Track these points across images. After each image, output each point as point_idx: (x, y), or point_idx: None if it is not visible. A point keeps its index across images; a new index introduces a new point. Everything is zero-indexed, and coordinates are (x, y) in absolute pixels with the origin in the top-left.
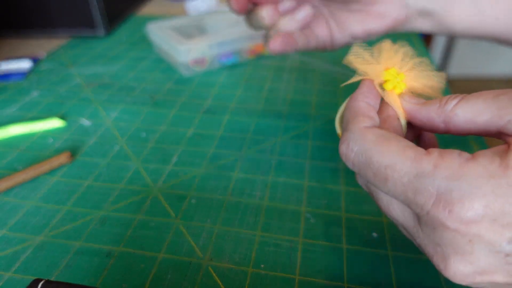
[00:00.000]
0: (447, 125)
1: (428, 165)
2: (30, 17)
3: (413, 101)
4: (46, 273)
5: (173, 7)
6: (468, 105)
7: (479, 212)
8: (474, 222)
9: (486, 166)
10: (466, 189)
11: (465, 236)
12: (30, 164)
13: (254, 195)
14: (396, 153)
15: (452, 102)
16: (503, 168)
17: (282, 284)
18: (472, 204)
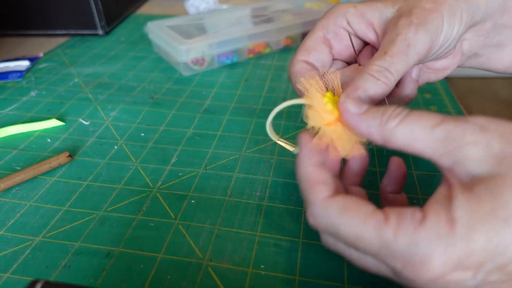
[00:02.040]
0: (385, 142)
1: (389, 234)
2: (29, 16)
3: (354, 110)
4: (45, 274)
5: (173, 7)
6: (407, 130)
7: (440, 269)
8: (439, 277)
9: (435, 228)
10: (424, 253)
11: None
12: (29, 164)
13: (254, 195)
14: (360, 226)
15: (392, 122)
16: (449, 225)
17: (282, 284)
18: (432, 265)
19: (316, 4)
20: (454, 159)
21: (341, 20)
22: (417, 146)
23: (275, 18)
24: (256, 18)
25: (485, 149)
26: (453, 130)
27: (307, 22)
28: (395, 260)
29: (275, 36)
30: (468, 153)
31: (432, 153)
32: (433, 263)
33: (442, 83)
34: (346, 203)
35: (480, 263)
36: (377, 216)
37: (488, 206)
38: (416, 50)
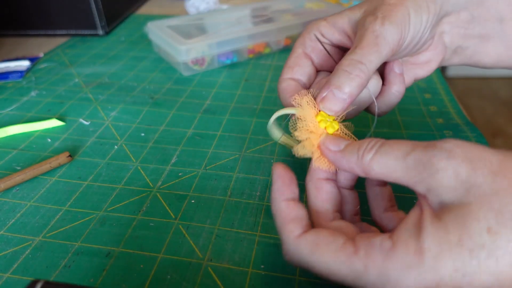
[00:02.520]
0: (366, 175)
1: (360, 266)
2: (29, 16)
3: (333, 148)
4: (45, 274)
5: (173, 7)
6: (382, 161)
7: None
8: None
9: (403, 258)
10: (394, 283)
11: None
12: (29, 164)
13: (254, 195)
14: (330, 262)
15: (368, 155)
16: (417, 255)
17: (282, 284)
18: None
19: (316, 4)
20: (428, 186)
21: (315, 34)
22: (393, 175)
23: (275, 18)
24: (256, 18)
25: (453, 177)
26: (422, 157)
27: (307, 22)
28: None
29: (275, 36)
30: (439, 180)
31: (407, 181)
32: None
33: (442, 83)
34: (316, 239)
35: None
36: (347, 249)
37: (454, 237)
38: (386, 41)
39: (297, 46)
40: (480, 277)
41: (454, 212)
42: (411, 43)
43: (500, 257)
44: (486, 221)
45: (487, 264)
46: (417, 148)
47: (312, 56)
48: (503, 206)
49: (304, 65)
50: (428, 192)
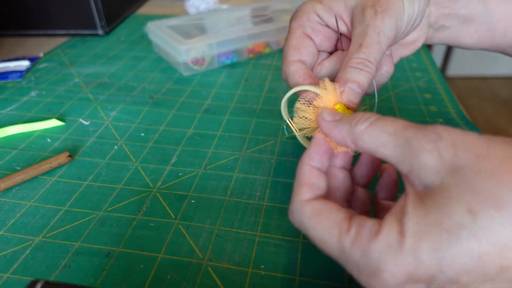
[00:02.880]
0: (355, 145)
1: (347, 244)
2: (29, 16)
3: (329, 118)
4: (45, 274)
5: (173, 7)
6: (373, 134)
7: (390, 281)
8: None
9: (386, 240)
10: (374, 264)
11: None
12: (29, 164)
13: (254, 195)
14: (325, 231)
15: (361, 125)
16: (399, 237)
17: (282, 284)
18: (382, 277)
19: None
20: (410, 167)
21: (313, 16)
22: (381, 151)
23: (275, 18)
24: (256, 18)
25: (437, 159)
26: (412, 137)
27: None
28: (352, 268)
29: (275, 36)
30: (422, 161)
31: (393, 159)
32: (383, 274)
33: (442, 83)
34: (320, 208)
35: (430, 275)
36: (342, 226)
37: (433, 217)
38: (386, 36)
39: (295, 27)
40: (461, 259)
41: (436, 194)
42: (404, 32)
43: (482, 237)
44: (467, 202)
45: (468, 245)
46: (410, 128)
47: (312, 36)
48: (484, 186)
49: (308, 45)
50: (410, 173)
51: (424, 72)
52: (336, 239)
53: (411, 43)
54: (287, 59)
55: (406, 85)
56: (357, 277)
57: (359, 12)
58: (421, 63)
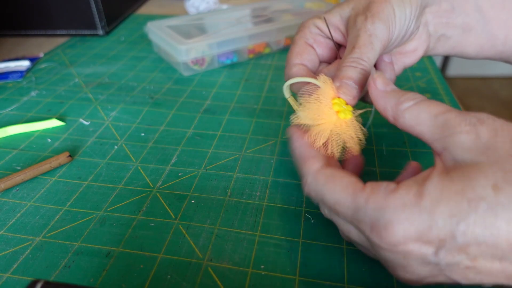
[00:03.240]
0: (395, 120)
1: (361, 200)
2: (30, 16)
3: (380, 86)
4: (45, 274)
5: (173, 7)
6: (415, 113)
7: (401, 235)
8: (400, 244)
9: (402, 197)
10: (388, 218)
11: (399, 254)
12: (29, 164)
13: (254, 195)
14: (339, 192)
15: (406, 104)
16: (416, 197)
17: (282, 284)
18: (393, 230)
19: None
20: (445, 145)
21: (313, 28)
22: (418, 128)
23: (275, 18)
24: (256, 18)
25: (474, 139)
26: (452, 119)
27: None
28: (364, 225)
29: (275, 36)
30: (458, 140)
31: (428, 137)
32: (394, 228)
33: (442, 83)
34: (333, 173)
35: (442, 239)
36: (356, 185)
37: (457, 186)
38: (378, 38)
39: (298, 38)
40: (475, 228)
41: (465, 168)
42: (398, 36)
43: (500, 212)
44: (494, 178)
45: (484, 216)
46: (452, 111)
47: (314, 46)
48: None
49: (310, 53)
50: (444, 150)
51: (424, 72)
52: (350, 197)
53: (412, 52)
54: (289, 63)
55: (406, 85)
56: (369, 234)
57: (352, 20)
58: (421, 63)
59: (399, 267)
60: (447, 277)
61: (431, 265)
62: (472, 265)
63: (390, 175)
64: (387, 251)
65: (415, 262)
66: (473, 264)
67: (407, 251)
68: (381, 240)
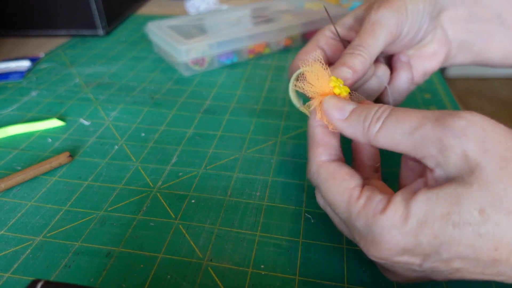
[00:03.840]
0: (372, 145)
1: (354, 211)
2: (30, 17)
3: (338, 116)
4: (45, 274)
5: (173, 7)
6: (388, 135)
7: (387, 252)
8: (388, 258)
9: (389, 219)
10: (374, 236)
11: (387, 263)
12: (29, 164)
13: (254, 195)
14: (337, 194)
15: (374, 127)
16: (404, 217)
17: (282, 284)
18: (380, 247)
19: (316, 5)
20: (437, 163)
21: (327, 32)
22: (399, 148)
23: (275, 19)
24: (256, 18)
25: (460, 156)
26: (431, 134)
27: (307, 22)
28: (355, 233)
29: (275, 37)
30: (447, 158)
31: (414, 155)
32: (381, 246)
33: (442, 84)
34: (335, 172)
35: (426, 254)
36: (353, 193)
37: (443, 210)
38: (381, 25)
39: (310, 41)
40: (458, 247)
41: (453, 188)
42: (411, 31)
43: (485, 235)
44: (481, 203)
45: (469, 239)
46: (426, 123)
47: (324, 48)
48: (503, 192)
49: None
50: (437, 166)
51: None
52: (345, 204)
53: (431, 56)
54: (295, 59)
55: None
56: (358, 242)
57: (363, 18)
58: None
59: (388, 270)
60: (431, 278)
61: (417, 271)
62: (455, 272)
63: (391, 175)
64: (374, 258)
65: (402, 269)
66: (456, 272)
67: (395, 261)
68: (368, 252)
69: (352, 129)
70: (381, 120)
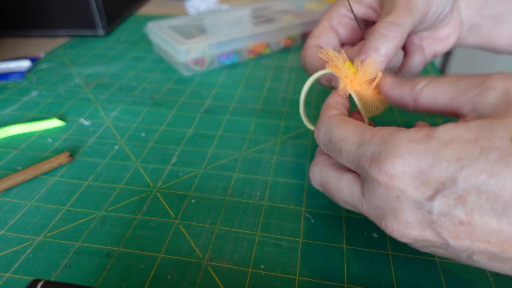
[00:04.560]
0: (415, 103)
1: (368, 135)
2: (30, 17)
3: (390, 81)
4: (46, 274)
5: (173, 7)
6: (433, 88)
7: (400, 169)
8: (397, 178)
9: (410, 134)
10: (390, 150)
11: (393, 192)
12: (30, 164)
13: (254, 195)
14: (349, 129)
15: (421, 84)
16: (426, 137)
17: (282, 284)
18: (393, 161)
19: (316, 5)
20: (473, 105)
21: (342, 9)
22: (441, 101)
23: (275, 19)
24: (256, 18)
25: (501, 93)
26: (476, 80)
27: (307, 22)
28: (365, 159)
29: (275, 37)
30: (487, 97)
31: (454, 105)
32: (395, 159)
33: None
34: (347, 118)
35: (441, 182)
36: (366, 126)
37: (471, 135)
38: (416, 6)
39: (323, 19)
40: (480, 175)
41: (485, 119)
42: (435, 14)
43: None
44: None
45: (493, 164)
46: (472, 75)
47: (338, 29)
48: None
49: (329, 35)
50: (472, 111)
51: (424, 72)
52: (358, 134)
53: (444, 38)
54: (306, 44)
55: None
56: (367, 168)
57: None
58: None
59: (389, 212)
60: (436, 232)
61: (423, 212)
62: (466, 220)
63: None
64: (382, 187)
65: (407, 205)
66: (467, 219)
67: (402, 188)
68: (379, 171)
69: (400, 88)
70: (427, 79)
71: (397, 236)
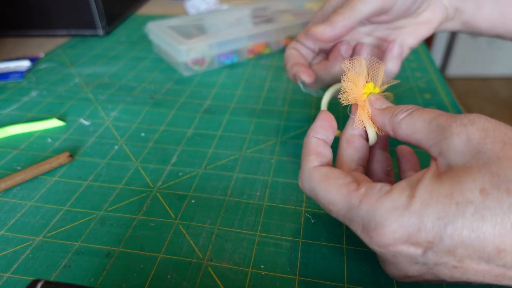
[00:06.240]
0: (395, 133)
1: (355, 201)
2: (30, 17)
3: (377, 106)
4: (46, 274)
5: (173, 7)
6: (411, 122)
7: (390, 237)
8: (390, 245)
9: (394, 200)
10: (378, 220)
11: (389, 253)
12: (29, 164)
13: (254, 195)
14: (334, 191)
15: (401, 115)
16: (408, 198)
17: (282, 284)
18: (383, 232)
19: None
20: (440, 149)
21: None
22: (415, 136)
23: (275, 19)
24: (256, 18)
25: (465, 142)
26: (444, 123)
27: (307, 22)
28: (356, 224)
29: (275, 37)
30: (451, 144)
31: (425, 143)
32: (384, 231)
33: (442, 84)
34: (328, 173)
35: (430, 241)
36: (351, 186)
37: (446, 190)
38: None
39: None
40: (462, 231)
41: (455, 172)
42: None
43: (487, 216)
44: (481, 182)
45: (471, 220)
46: (444, 116)
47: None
48: (501, 171)
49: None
50: (440, 155)
51: (424, 72)
52: (344, 198)
53: (427, 22)
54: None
55: (406, 85)
56: (360, 234)
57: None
58: (421, 63)
59: (389, 263)
60: (434, 275)
61: (420, 264)
62: (459, 265)
63: None
64: (377, 250)
65: (404, 261)
66: (460, 265)
67: (396, 251)
68: (371, 240)
69: (383, 115)
70: (408, 111)
71: (400, 280)
